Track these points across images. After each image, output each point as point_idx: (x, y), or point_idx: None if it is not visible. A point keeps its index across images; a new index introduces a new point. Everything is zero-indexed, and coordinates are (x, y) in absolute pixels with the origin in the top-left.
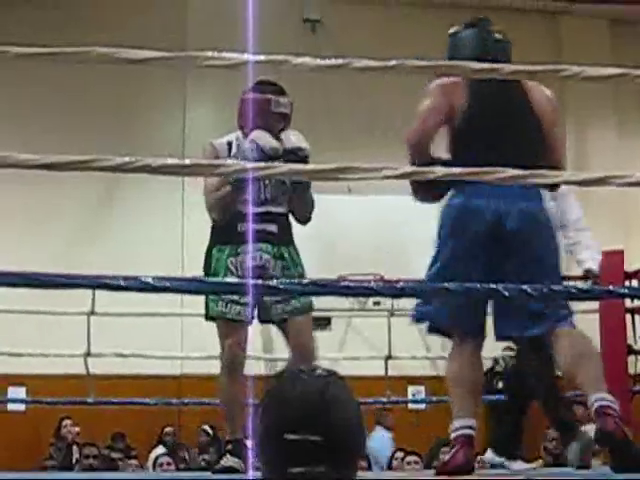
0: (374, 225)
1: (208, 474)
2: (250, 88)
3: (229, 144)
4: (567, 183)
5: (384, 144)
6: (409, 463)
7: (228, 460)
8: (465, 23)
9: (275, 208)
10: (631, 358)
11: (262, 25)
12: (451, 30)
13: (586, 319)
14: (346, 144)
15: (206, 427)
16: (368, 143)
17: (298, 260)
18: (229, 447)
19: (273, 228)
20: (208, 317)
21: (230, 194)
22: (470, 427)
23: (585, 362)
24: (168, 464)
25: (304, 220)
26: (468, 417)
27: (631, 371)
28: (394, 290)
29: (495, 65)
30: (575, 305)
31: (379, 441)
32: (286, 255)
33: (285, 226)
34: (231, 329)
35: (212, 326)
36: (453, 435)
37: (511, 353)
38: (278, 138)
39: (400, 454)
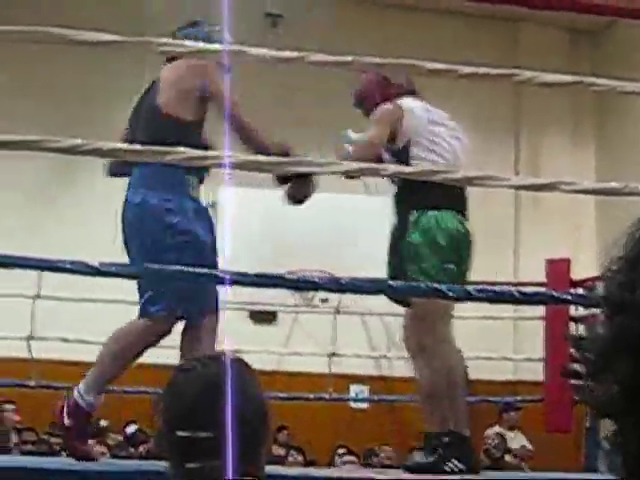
0: (322, 222)
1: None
2: None
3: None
4: (517, 188)
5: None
6: (345, 463)
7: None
8: None
9: None
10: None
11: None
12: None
13: (532, 325)
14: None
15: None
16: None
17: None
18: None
19: None
20: None
21: None
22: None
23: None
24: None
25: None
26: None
27: None
28: (336, 284)
29: (439, 65)
30: (522, 311)
31: None
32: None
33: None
34: None
35: None
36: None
37: None
38: None
39: (342, 450)
